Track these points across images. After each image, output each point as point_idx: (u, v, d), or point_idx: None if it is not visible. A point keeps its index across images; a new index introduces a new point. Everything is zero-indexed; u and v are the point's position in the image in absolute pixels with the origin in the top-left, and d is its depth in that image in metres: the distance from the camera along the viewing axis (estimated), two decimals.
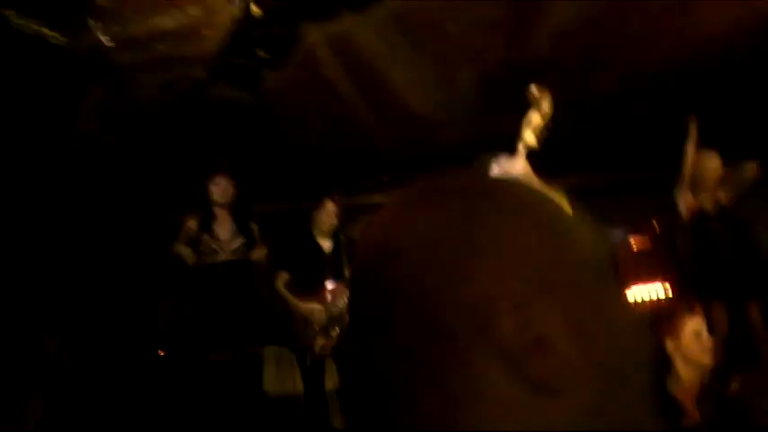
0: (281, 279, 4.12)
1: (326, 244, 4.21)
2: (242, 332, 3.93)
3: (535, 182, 2.98)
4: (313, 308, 3.99)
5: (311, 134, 4.65)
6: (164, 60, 2.87)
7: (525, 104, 2.83)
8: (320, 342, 3.99)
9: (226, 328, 3.85)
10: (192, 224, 3.92)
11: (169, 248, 3.89)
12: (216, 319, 3.85)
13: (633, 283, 5.06)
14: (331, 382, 4.02)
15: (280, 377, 4.35)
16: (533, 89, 2.70)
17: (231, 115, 3.38)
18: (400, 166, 5.18)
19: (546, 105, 2.66)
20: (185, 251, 3.85)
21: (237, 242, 3.98)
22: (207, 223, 3.93)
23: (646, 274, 5.19)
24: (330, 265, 4.13)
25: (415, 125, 4.54)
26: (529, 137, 2.67)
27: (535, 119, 2.67)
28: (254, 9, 2.39)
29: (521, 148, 2.71)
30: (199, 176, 3.86)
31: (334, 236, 4.22)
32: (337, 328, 3.96)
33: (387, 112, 4.34)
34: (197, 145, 3.94)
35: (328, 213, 4.18)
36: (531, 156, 2.76)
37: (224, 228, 3.97)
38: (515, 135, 2.89)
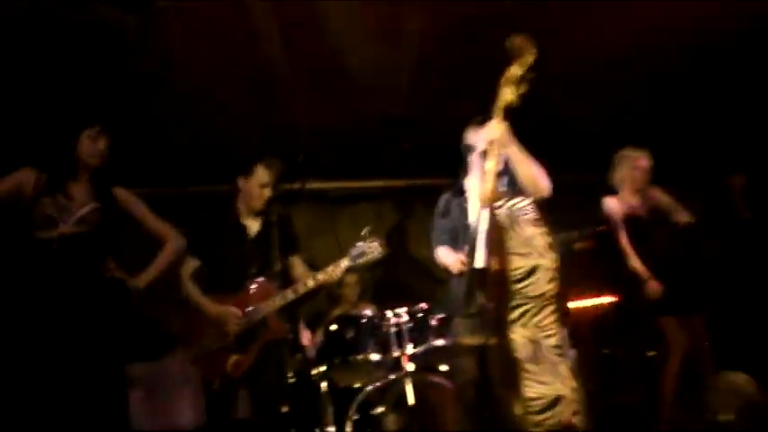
0: (188, 267, 3.18)
1: (254, 225, 3.27)
2: (92, 339, 2.64)
3: (513, 145, 2.53)
4: (228, 312, 3.09)
5: (209, 86, 3.69)
6: None
7: None
8: (232, 359, 3.07)
9: (66, 331, 2.59)
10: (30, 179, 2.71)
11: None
12: (54, 317, 2.59)
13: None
14: (242, 411, 3.13)
15: (154, 405, 3.38)
16: (515, 39, 2.43)
17: (108, 45, 2.49)
18: (323, 142, 4.44)
19: (529, 57, 2.40)
20: None
21: (89, 207, 2.75)
22: (56, 184, 2.73)
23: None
24: (255, 256, 3.17)
25: (350, 90, 3.81)
26: (507, 93, 2.39)
27: (515, 72, 2.39)
28: None
29: (499, 106, 2.41)
30: (60, 125, 2.80)
31: (265, 216, 3.23)
32: (255, 345, 3.07)
33: (315, 70, 3.58)
34: (62, 84, 2.95)
35: (259, 184, 3.23)
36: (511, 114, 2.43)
37: (79, 194, 2.77)
38: None
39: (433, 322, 3.67)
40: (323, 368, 3.82)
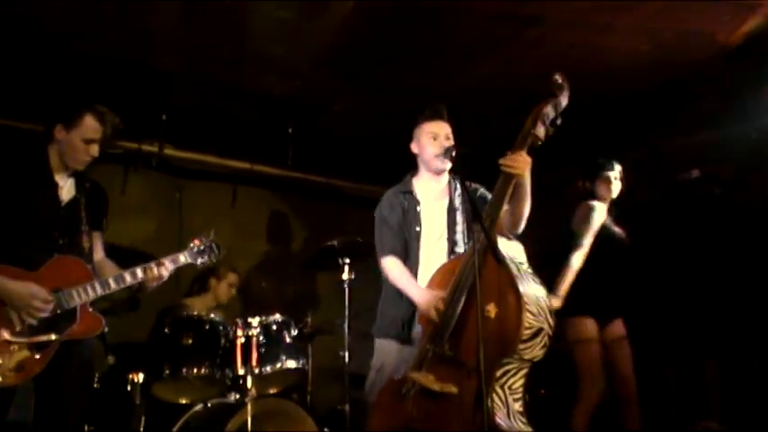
0: None
1: (67, 186, 2.48)
2: None
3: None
4: (29, 290, 2.24)
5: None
6: None
7: None
8: (20, 357, 2.24)
9: None
10: None
11: None
12: None
13: None
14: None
15: None
16: (560, 76, 2.33)
17: None
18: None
19: (563, 100, 2.33)
20: None
21: None
22: None
23: None
24: (66, 224, 2.40)
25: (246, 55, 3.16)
26: (541, 131, 2.29)
27: (548, 112, 2.31)
28: None
29: (528, 141, 2.30)
30: None
31: (79, 177, 2.50)
32: (53, 335, 2.28)
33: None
34: None
35: (84, 138, 2.42)
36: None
37: None
38: None
39: (288, 339, 3.20)
40: (141, 376, 3.14)
